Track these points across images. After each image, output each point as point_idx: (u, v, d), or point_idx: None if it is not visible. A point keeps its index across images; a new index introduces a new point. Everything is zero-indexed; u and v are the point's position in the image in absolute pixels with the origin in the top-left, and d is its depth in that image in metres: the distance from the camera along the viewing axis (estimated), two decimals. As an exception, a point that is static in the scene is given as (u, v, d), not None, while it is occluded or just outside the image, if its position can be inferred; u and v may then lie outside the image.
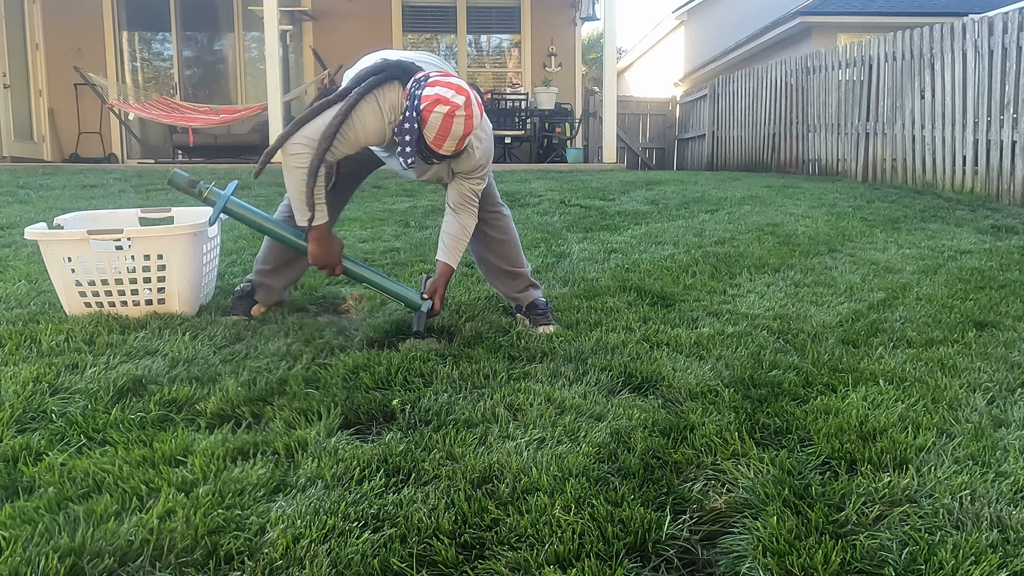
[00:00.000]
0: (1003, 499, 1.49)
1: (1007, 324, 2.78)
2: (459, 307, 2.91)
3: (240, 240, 4.17)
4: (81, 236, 2.60)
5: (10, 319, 2.60)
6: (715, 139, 12.33)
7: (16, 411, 1.82)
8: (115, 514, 1.40)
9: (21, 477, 1.54)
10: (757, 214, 5.46)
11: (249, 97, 11.32)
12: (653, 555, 1.34)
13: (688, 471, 1.64)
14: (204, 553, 1.30)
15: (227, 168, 8.36)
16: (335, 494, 1.49)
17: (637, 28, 69.03)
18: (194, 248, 2.72)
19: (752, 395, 2.05)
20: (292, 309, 2.87)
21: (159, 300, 2.71)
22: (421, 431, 1.80)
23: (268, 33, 8.73)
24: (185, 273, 2.70)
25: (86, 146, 10.88)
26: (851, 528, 1.39)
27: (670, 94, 16.60)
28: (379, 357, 2.29)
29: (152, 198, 5.81)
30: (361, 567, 1.27)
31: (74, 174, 7.46)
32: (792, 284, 3.42)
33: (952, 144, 6.92)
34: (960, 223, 5.23)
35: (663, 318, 2.82)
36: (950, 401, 2.01)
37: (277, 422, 1.84)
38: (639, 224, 5.02)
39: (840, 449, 1.69)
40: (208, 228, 2.80)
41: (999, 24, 6.31)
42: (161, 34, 11.66)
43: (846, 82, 8.54)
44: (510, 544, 1.35)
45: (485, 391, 2.06)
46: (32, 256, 3.60)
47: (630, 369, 2.21)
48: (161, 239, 2.66)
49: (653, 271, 3.61)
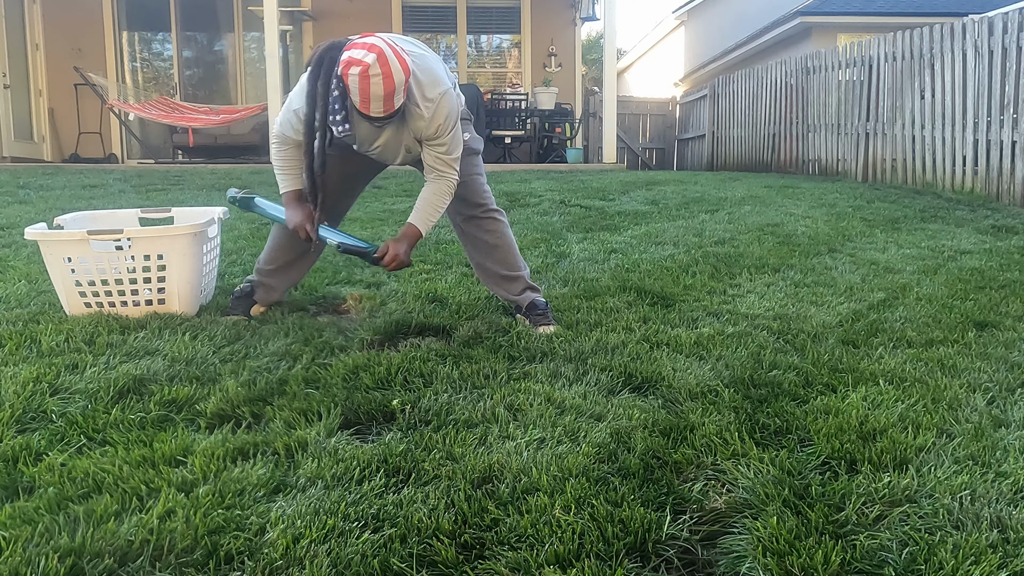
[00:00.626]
0: (1003, 499, 1.49)
1: (1007, 324, 2.78)
2: (459, 307, 2.91)
3: (240, 240, 4.17)
4: (81, 236, 2.59)
5: (10, 319, 2.60)
6: (715, 139, 12.33)
7: (16, 411, 1.82)
8: (115, 514, 1.40)
9: (21, 477, 1.54)
10: (757, 214, 5.46)
11: (249, 97, 11.32)
12: (653, 555, 1.34)
13: (688, 471, 1.63)
14: (204, 553, 1.30)
15: (227, 168, 8.36)
16: (335, 494, 1.48)
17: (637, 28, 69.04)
18: (194, 249, 2.72)
19: (752, 395, 2.05)
20: (292, 309, 2.87)
21: (159, 300, 2.71)
22: (421, 431, 1.80)
23: (268, 33, 8.74)
24: (185, 273, 2.70)
25: (86, 146, 10.88)
26: (851, 528, 1.39)
27: (670, 94, 16.60)
28: (379, 357, 2.29)
29: (152, 198, 5.81)
30: (361, 567, 1.27)
31: (74, 174, 7.46)
32: (792, 284, 3.42)
33: (952, 144, 6.92)
34: (960, 223, 5.23)
35: (663, 318, 2.82)
36: (950, 401, 2.01)
37: (277, 422, 1.84)
38: (639, 224, 5.02)
39: (840, 449, 1.69)
40: (208, 229, 2.80)
41: (999, 24, 6.31)
42: (161, 34, 11.66)
43: (846, 82, 8.54)
44: (510, 544, 1.35)
45: (485, 391, 2.06)
46: (32, 256, 3.60)
47: (630, 369, 2.21)
48: (161, 239, 2.66)
49: (653, 271, 3.61)
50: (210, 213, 2.98)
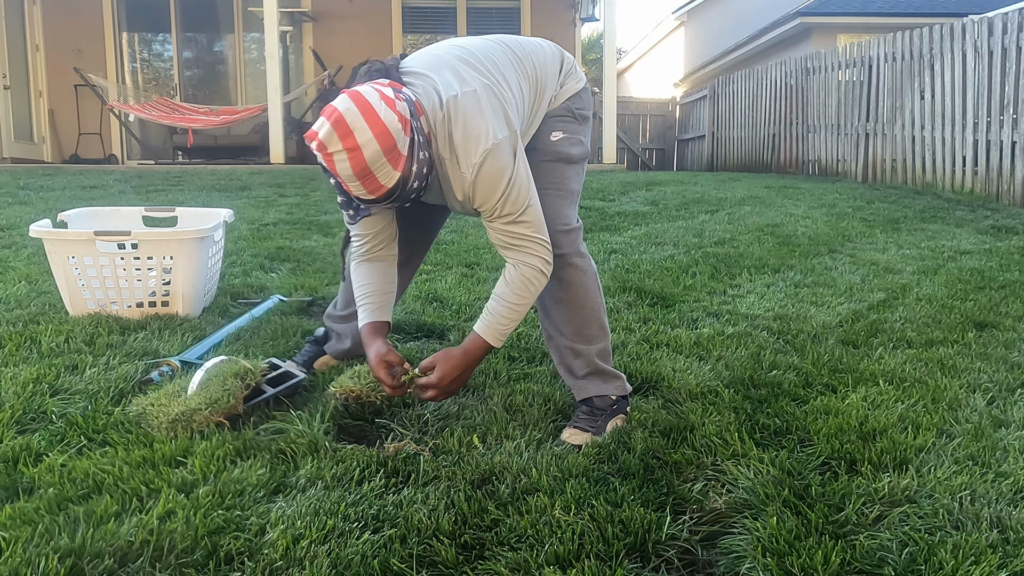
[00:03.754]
0: (1003, 499, 1.49)
1: (1007, 324, 2.78)
2: (459, 307, 2.91)
3: (240, 241, 4.17)
4: (88, 236, 2.59)
5: (10, 320, 2.60)
6: (715, 140, 12.33)
7: (16, 412, 1.82)
8: (115, 515, 1.40)
9: (21, 478, 1.54)
10: (757, 215, 5.46)
11: (249, 98, 11.32)
12: (653, 555, 1.34)
13: (688, 471, 1.63)
14: (204, 554, 1.30)
15: (227, 169, 8.37)
16: (335, 495, 1.48)
17: (637, 29, 69.11)
18: (200, 252, 2.70)
19: (752, 395, 2.05)
20: (292, 310, 2.87)
21: (163, 303, 2.70)
22: (421, 431, 1.80)
23: (268, 34, 8.74)
24: (190, 276, 2.69)
25: (86, 147, 10.88)
26: (851, 528, 1.39)
27: (670, 95, 16.61)
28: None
29: (152, 199, 5.82)
30: (361, 568, 1.27)
31: (74, 175, 7.46)
32: (792, 285, 3.42)
33: (952, 144, 6.92)
34: (960, 223, 5.23)
35: (663, 319, 2.82)
36: (950, 401, 2.01)
37: (277, 422, 1.84)
38: (639, 225, 5.02)
39: (840, 449, 1.69)
40: (215, 233, 2.79)
41: (999, 24, 6.31)
42: (161, 35, 11.66)
43: (846, 83, 8.54)
44: (510, 544, 1.35)
45: (485, 391, 2.06)
46: (32, 257, 3.60)
47: (630, 369, 2.21)
48: (168, 242, 2.64)
49: (653, 272, 3.61)
50: (216, 216, 2.97)
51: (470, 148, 1.66)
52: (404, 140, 1.57)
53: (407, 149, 1.58)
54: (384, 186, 1.59)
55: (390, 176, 1.57)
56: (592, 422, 1.86)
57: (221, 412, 1.81)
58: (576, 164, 1.95)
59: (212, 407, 1.80)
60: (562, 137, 1.92)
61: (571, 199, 1.92)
